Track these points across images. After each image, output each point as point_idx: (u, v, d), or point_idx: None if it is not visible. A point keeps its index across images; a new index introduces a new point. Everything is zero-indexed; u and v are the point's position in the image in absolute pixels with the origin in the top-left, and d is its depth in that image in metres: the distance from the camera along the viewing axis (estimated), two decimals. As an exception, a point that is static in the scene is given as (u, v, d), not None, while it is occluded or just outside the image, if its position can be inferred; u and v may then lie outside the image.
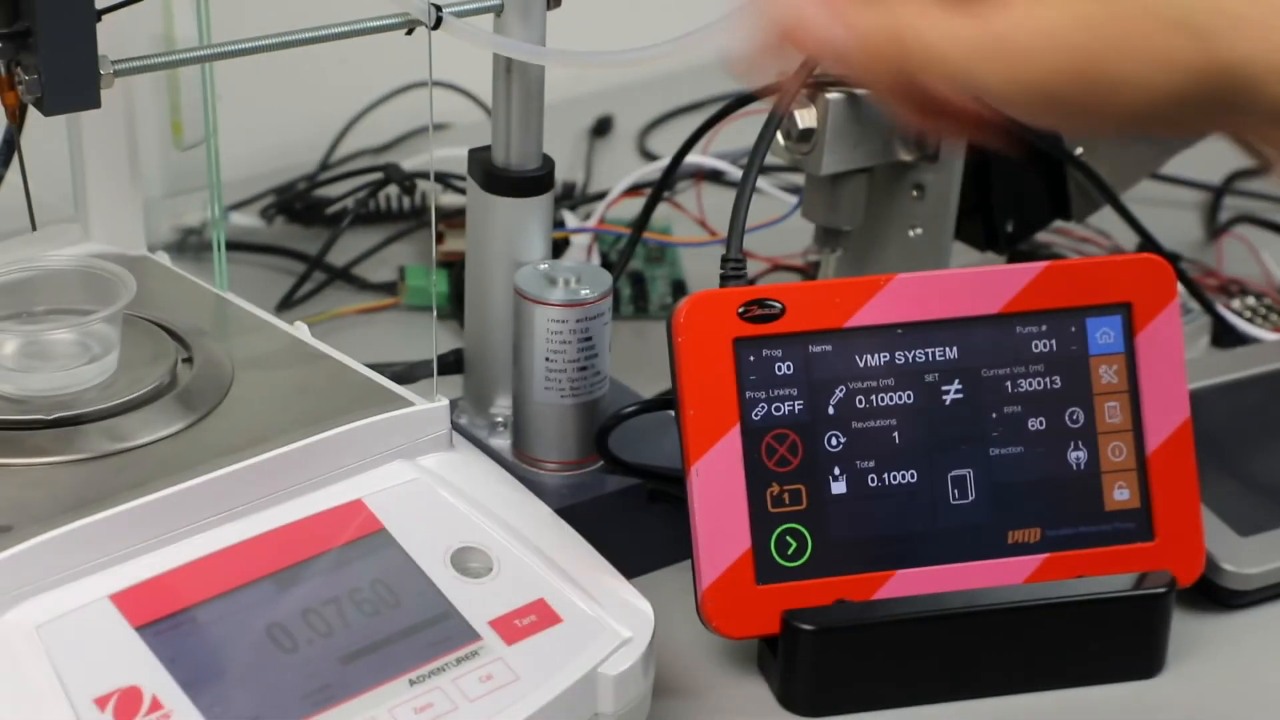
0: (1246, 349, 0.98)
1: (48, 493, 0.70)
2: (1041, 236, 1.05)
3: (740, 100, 0.93)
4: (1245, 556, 0.83)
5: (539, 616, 0.71)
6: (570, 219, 1.11)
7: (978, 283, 0.80)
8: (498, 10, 0.80)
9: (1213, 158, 1.26)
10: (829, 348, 0.78)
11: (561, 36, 0.83)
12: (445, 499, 0.74)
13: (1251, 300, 1.07)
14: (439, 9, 0.76)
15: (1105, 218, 1.04)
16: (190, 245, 1.09)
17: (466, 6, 0.78)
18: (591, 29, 0.89)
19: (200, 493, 0.70)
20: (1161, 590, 0.79)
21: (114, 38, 0.71)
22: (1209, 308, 1.01)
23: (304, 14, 0.79)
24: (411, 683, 0.68)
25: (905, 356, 0.79)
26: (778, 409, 0.78)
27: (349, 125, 1.23)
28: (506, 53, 0.80)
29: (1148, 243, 1.01)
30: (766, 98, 0.85)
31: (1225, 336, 1.01)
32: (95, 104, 0.71)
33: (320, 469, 0.73)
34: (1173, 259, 1.06)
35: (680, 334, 0.76)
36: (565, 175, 1.23)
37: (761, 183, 1.14)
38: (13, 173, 0.81)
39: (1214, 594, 0.83)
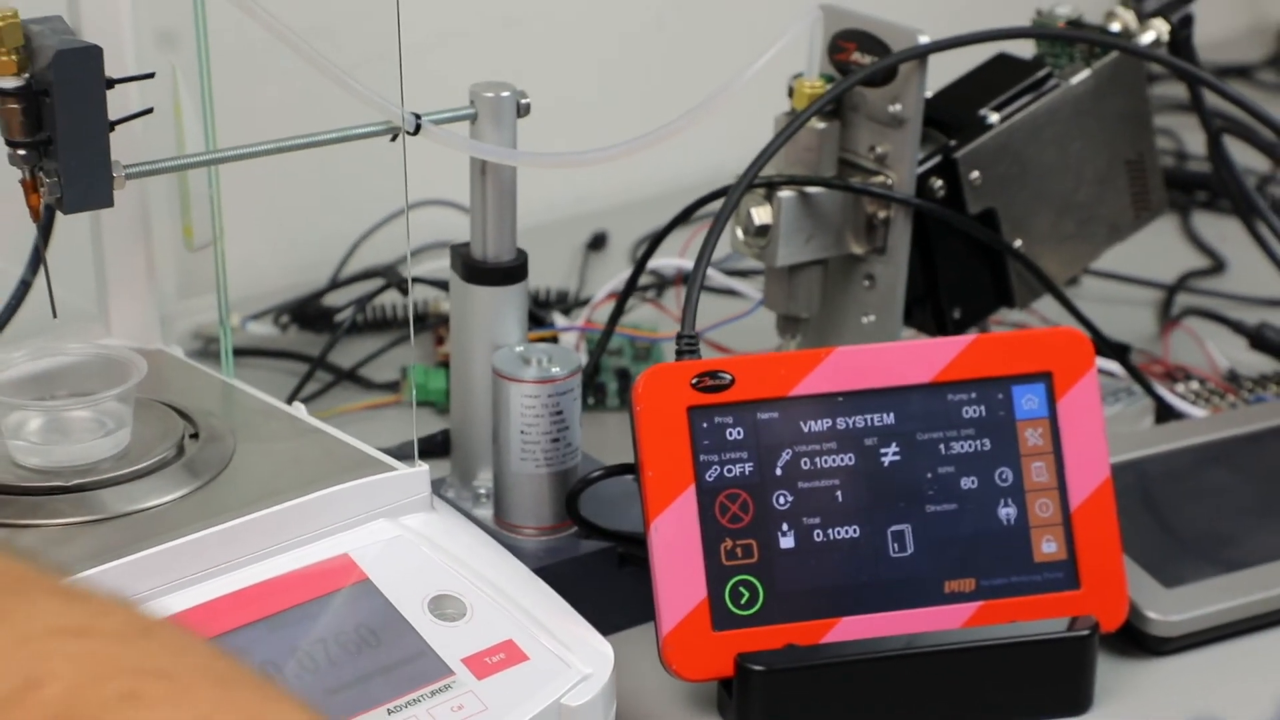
0: (1181, 423, 1.05)
1: (67, 548, 0.78)
2: (994, 325, 1.13)
3: (692, 207, 1.03)
4: (1170, 606, 0.90)
5: (507, 655, 0.79)
6: (560, 321, 1.20)
7: (912, 354, 0.88)
8: (473, 118, 0.89)
9: (1169, 259, 1.35)
10: (775, 414, 0.86)
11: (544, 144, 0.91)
12: (425, 553, 0.82)
13: (1195, 384, 1.14)
14: (418, 116, 0.85)
15: (1058, 312, 1.11)
16: (211, 352, 1.18)
17: (444, 115, 0.87)
18: (571, 138, 0.98)
19: (201, 546, 0.78)
20: (1086, 633, 0.86)
21: (128, 144, 0.80)
22: (1148, 389, 1.08)
23: (304, 123, 0.87)
24: (390, 712, 0.75)
25: (846, 422, 0.87)
26: (729, 470, 0.85)
27: (359, 241, 1.32)
28: (481, 155, 0.89)
29: (1087, 328, 1.09)
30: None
31: (1167, 417, 1.08)
32: (108, 203, 0.80)
33: (311, 526, 0.81)
34: (1122, 349, 1.14)
35: (640, 403, 0.84)
36: (561, 284, 1.31)
37: (741, 285, 1.23)
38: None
39: (1142, 641, 0.90)
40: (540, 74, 1.05)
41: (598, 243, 1.42)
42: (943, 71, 1.04)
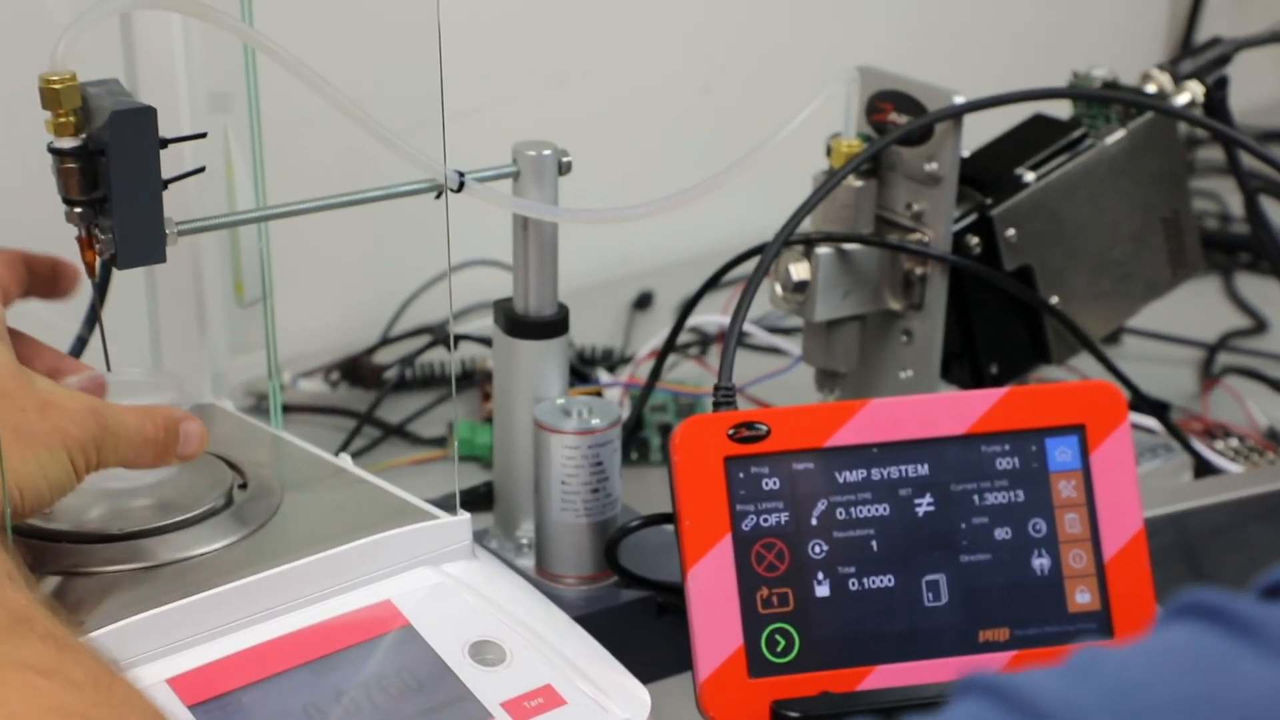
0: (1220, 478, 1.06)
1: (116, 594, 0.80)
2: (1030, 380, 1.14)
3: (731, 264, 1.04)
4: (1205, 657, 0.90)
5: (546, 699, 0.80)
6: (605, 378, 1.22)
7: (946, 406, 0.89)
8: (515, 175, 0.91)
9: (1211, 319, 1.36)
10: (811, 465, 0.87)
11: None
12: (466, 600, 0.84)
13: (1235, 442, 1.15)
14: (462, 174, 0.87)
15: (1097, 369, 1.12)
16: (263, 408, 1.20)
17: (487, 173, 0.90)
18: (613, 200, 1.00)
19: (247, 592, 0.80)
20: (1121, 683, 0.86)
21: (181, 202, 0.83)
22: (1186, 445, 1.09)
23: (352, 183, 0.90)
24: (431, 755, 0.77)
25: (881, 473, 0.88)
26: (765, 520, 0.87)
27: (408, 300, 1.35)
28: (521, 211, 0.91)
29: (1124, 384, 1.10)
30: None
31: (1205, 473, 1.09)
32: (161, 259, 0.82)
33: (354, 573, 0.83)
34: (1162, 406, 1.15)
35: (677, 453, 0.86)
36: (606, 343, 1.33)
37: (782, 342, 1.25)
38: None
39: (1178, 692, 0.90)
40: (580, 135, 1.08)
41: (643, 302, 1.44)
42: (980, 131, 1.06)
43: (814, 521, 0.87)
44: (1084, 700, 0.50)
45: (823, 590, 0.87)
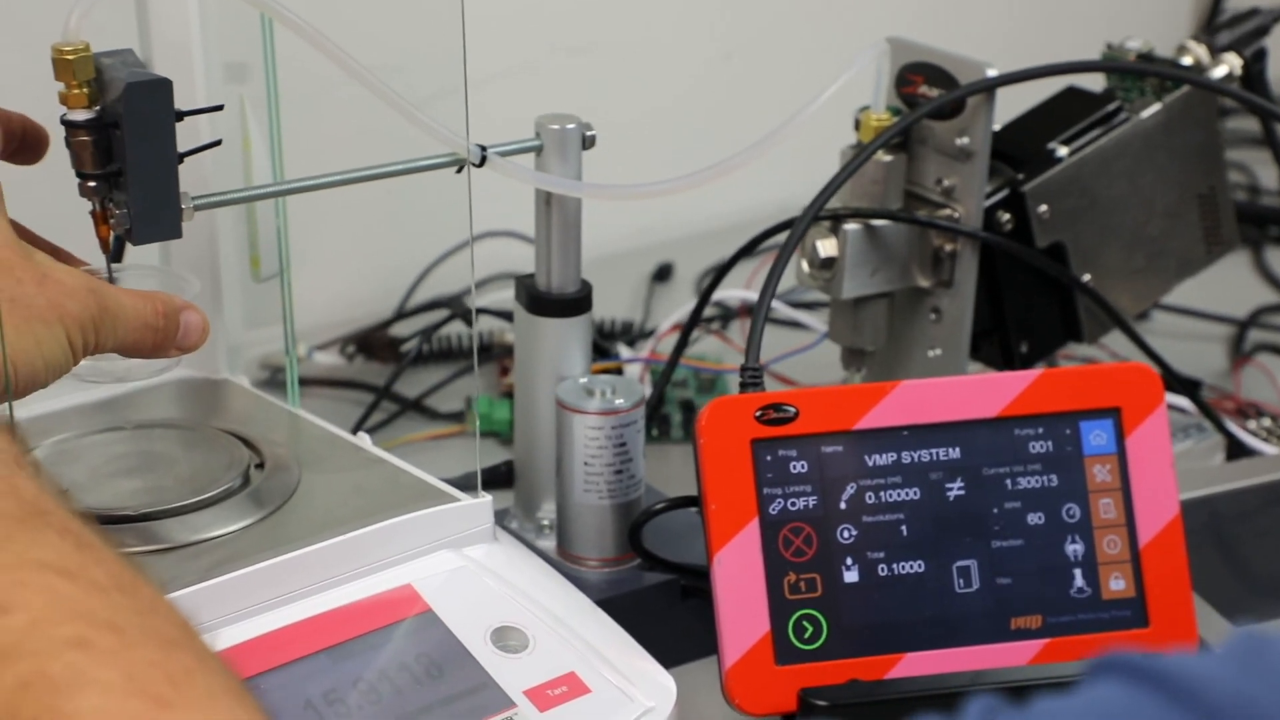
0: (1253, 460, 1.04)
1: (131, 577, 0.78)
2: (1062, 359, 1.12)
3: (758, 239, 1.02)
4: (1240, 644, 0.89)
5: (569, 687, 0.78)
6: (625, 352, 1.20)
7: (977, 388, 0.87)
8: (538, 149, 0.89)
9: (1241, 294, 1.34)
10: (840, 448, 0.85)
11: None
12: (488, 584, 0.82)
13: (1268, 421, 1.13)
14: (484, 148, 0.85)
15: (1127, 347, 1.10)
16: (278, 381, 1.18)
17: (509, 147, 0.88)
18: (633, 170, 0.98)
19: (265, 576, 0.78)
20: (1155, 672, 0.85)
21: (196, 176, 0.81)
22: (1219, 426, 1.07)
23: (369, 155, 0.88)
24: (451, 743, 0.75)
25: (911, 456, 0.86)
26: (793, 504, 0.85)
27: (424, 273, 1.33)
28: (546, 187, 0.89)
29: (1157, 363, 1.08)
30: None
31: (1238, 453, 1.07)
32: (177, 235, 0.80)
33: (374, 557, 0.81)
34: (1193, 384, 1.13)
35: (703, 435, 0.84)
36: (625, 316, 1.31)
37: (805, 317, 1.23)
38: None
39: (1212, 681, 0.89)
40: (603, 104, 1.06)
41: (663, 274, 1.42)
42: (1010, 104, 1.03)
43: (843, 505, 0.85)
44: (1261, 694, 0.43)
45: (851, 576, 0.85)
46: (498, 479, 1.00)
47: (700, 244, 1.45)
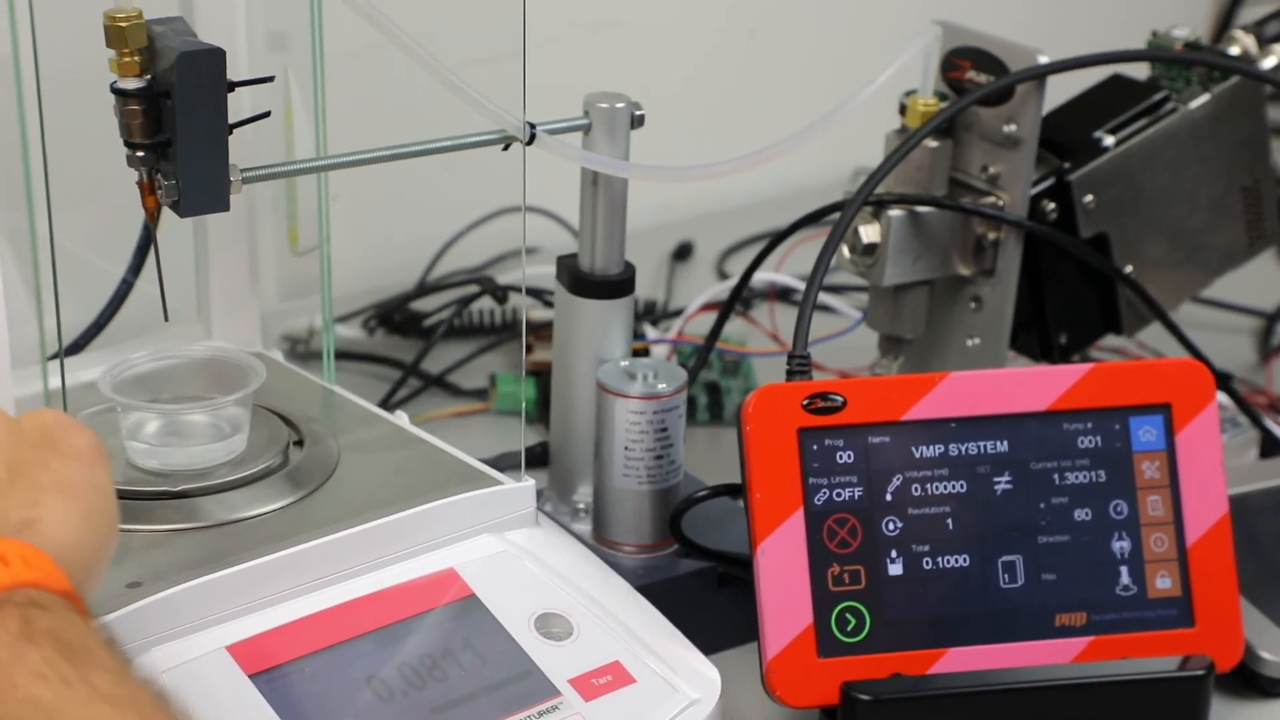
0: (1290, 457, 1.03)
1: (171, 555, 0.77)
2: (1096, 351, 1.11)
3: (802, 221, 1.00)
4: (1284, 646, 0.88)
5: (614, 677, 0.77)
6: (651, 333, 1.18)
7: (1027, 381, 0.86)
8: (586, 129, 0.87)
9: (1270, 286, 1.33)
10: (887, 439, 0.84)
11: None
12: (530, 570, 0.81)
13: (1300, 417, 1.12)
14: (533, 126, 0.84)
15: (1161, 339, 1.09)
16: (297, 354, 1.17)
17: (559, 125, 0.86)
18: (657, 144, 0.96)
19: (307, 558, 0.77)
20: (1201, 673, 0.84)
21: (239, 148, 0.79)
22: (1256, 421, 1.06)
23: (404, 127, 0.86)
24: (497, 732, 0.74)
25: (958, 449, 0.85)
26: (839, 494, 0.84)
27: (446, 246, 1.31)
28: (593, 166, 0.88)
29: (1197, 358, 1.07)
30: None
31: (1272, 449, 1.06)
32: (225, 207, 0.79)
33: (416, 540, 0.80)
34: (1225, 377, 1.12)
35: (750, 423, 0.83)
36: (648, 294, 1.30)
37: (835, 301, 1.21)
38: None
39: (1256, 683, 0.88)
40: (623, 80, 1.04)
41: (683, 253, 1.41)
42: (1053, 92, 1.02)
43: (889, 497, 0.84)
44: None
45: (896, 569, 0.84)
46: (531, 460, 0.98)
47: (719, 222, 1.43)
